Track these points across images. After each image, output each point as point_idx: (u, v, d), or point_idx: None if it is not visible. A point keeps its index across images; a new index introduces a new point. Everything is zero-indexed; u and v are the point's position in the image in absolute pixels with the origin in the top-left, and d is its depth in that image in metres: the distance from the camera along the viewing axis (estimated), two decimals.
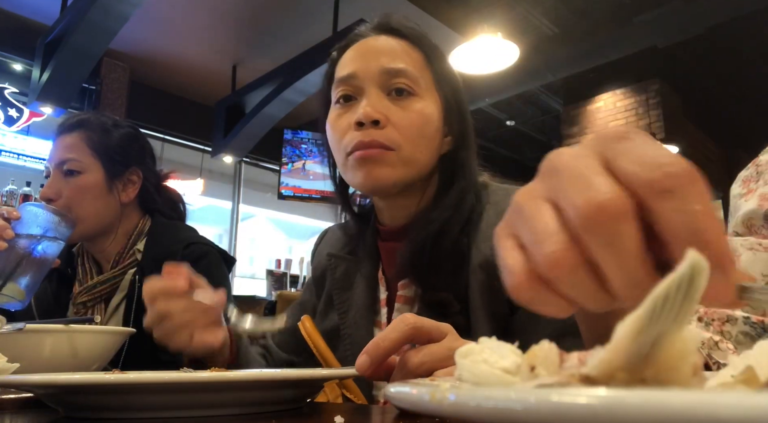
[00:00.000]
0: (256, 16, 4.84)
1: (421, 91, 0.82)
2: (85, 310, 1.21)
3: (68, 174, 1.23)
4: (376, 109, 0.78)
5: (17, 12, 4.73)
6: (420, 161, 0.82)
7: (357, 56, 0.84)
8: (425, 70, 0.84)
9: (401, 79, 0.80)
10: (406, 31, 0.86)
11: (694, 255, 0.21)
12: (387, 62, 0.81)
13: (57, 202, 1.21)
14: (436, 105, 0.84)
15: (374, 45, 0.84)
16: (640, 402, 0.16)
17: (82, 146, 1.26)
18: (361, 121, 0.78)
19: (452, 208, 0.82)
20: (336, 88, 0.85)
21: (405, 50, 0.84)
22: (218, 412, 0.50)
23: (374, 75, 0.81)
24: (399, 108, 0.80)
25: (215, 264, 1.26)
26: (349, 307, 0.90)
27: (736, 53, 5.81)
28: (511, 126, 7.77)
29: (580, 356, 0.26)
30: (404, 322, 0.51)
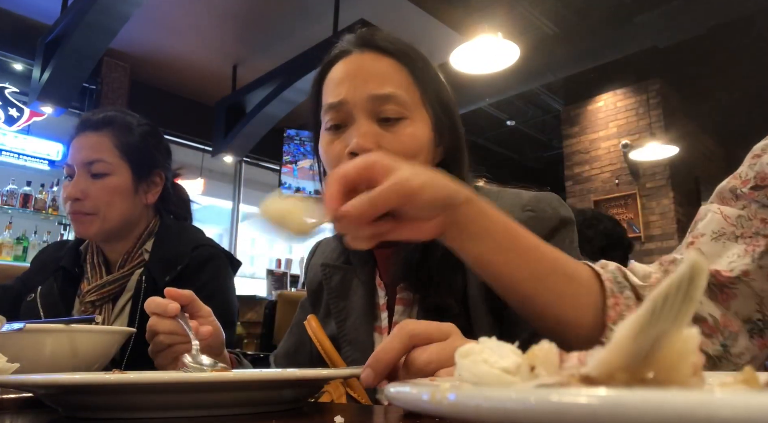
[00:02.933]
0: (256, 16, 4.84)
1: (410, 113, 0.81)
2: (93, 309, 1.21)
3: (96, 175, 1.22)
4: (368, 140, 0.78)
5: (17, 12, 4.73)
6: None
7: (344, 79, 0.82)
8: (412, 87, 0.83)
9: (390, 106, 0.80)
10: (390, 47, 0.84)
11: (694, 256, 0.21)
12: (374, 88, 0.80)
13: (83, 202, 1.20)
14: (425, 122, 0.83)
15: (360, 66, 0.83)
16: (640, 402, 0.16)
17: (109, 147, 1.24)
18: (354, 151, 0.78)
19: None
20: (325, 113, 0.84)
21: (391, 70, 0.83)
22: (218, 412, 0.50)
23: (363, 101, 0.80)
24: (390, 134, 0.80)
25: (222, 267, 1.26)
26: (347, 314, 0.90)
27: (736, 53, 5.81)
28: (511, 126, 7.77)
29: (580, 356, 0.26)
30: (404, 330, 0.51)
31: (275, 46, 5.15)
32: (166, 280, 1.19)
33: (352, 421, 0.47)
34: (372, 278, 0.91)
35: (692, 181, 6.81)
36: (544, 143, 8.55)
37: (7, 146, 4.63)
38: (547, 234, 0.81)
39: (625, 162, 6.66)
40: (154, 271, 1.21)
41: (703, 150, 7.46)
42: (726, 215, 0.67)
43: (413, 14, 4.64)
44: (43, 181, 4.73)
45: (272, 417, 0.51)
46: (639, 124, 6.64)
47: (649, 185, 6.52)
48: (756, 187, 0.66)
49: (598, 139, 6.99)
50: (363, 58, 0.84)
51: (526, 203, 0.83)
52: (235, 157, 5.85)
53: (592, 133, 7.05)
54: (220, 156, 5.66)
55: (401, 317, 0.85)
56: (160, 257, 1.24)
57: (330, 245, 1.03)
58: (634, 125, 6.69)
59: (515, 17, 5.11)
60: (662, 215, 6.37)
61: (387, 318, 0.87)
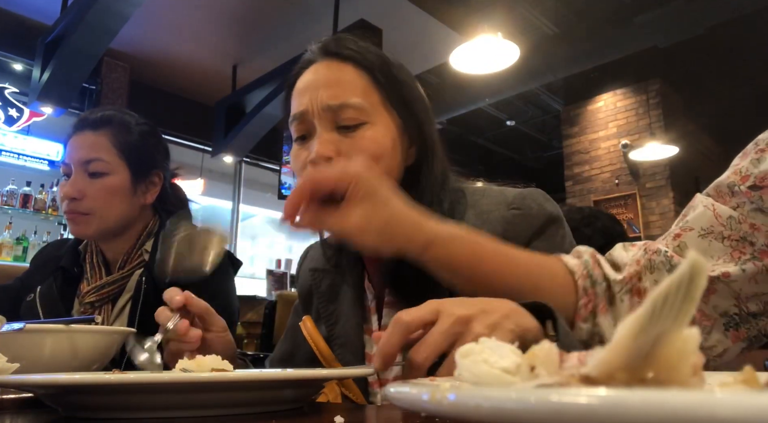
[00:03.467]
0: (256, 16, 4.84)
1: (370, 117, 0.82)
2: (92, 310, 1.20)
3: (94, 175, 1.21)
4: (326, 147, 0.79)
5: (17, 12, 4.73)
6: None
7: (305, 90, 0.84)
8: (372, 92, 0.83)
9: (345, 114, 0.80)
10: (348, 53, 0.85)
11: (694, 256, 0.21)
12: (328, 98, 0.81)
13: (80, 201, 1.19)
14: (389, 123, 0.83)
15: (317, 77, 0.84)
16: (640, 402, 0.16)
17: (108, 146, 1.23)
18: (314, 160, 0.79)
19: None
20: (291, 124, 0.86)
21: (350, 77, 0.83)
22: (218, 412, 0.50)
23: (320, 111, 0.81)
24: (350, 140, 0.80)
25: (222, 268, 1.26)
26: (337, 317, 0.91)
27: (736, 53, 5.81)
28: (511, 126, 7.77)
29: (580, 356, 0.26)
30: (398, 324, 0.55)
31: (275, 46, 5.15)
32: (167, 280, 1.19)
33: (352, 421, 0.47)
34: (361, 281, 0.91)
35: (692, 181, 6.81)
36: (544, 143, 8.54)
37: (6, 146, 4.63)
38: (536, 231, 0.82)
39: (625, 162, 6.66)
40: (153, 271, 1.21)
41: (703, 150, 7.46)
42: (718, 214, 0.66)
43: (413, 14, 4.64)
44: (43, 182, 4.73)
45: (272, 417, 0.51)
46: (639, 124, 6.64)
47: (648, 185, 6.52)
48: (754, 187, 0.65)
49: (598, 139, 7.00)
50: (324, 66, 0.85)
51: (512, 201, 0.83)
52: (235, 157, 5.85)
53: (592, 133, 7.05)
54: (219, 156, 5.66)
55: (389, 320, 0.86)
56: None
57: (319, 251, 1.03)
58: (634, 125, 6.69)
59: (515, 17, 5.11)
60: (662, 215, 6.37)
61: (377, 320, 0.87)
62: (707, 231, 0.66)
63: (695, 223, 0.68)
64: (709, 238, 0.66)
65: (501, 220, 0.82)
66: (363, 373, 0.62)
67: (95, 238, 1.25)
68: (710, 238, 0.66)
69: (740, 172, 0.67)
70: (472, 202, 0.87)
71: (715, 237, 0.65)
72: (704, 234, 0.66)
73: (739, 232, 0.65)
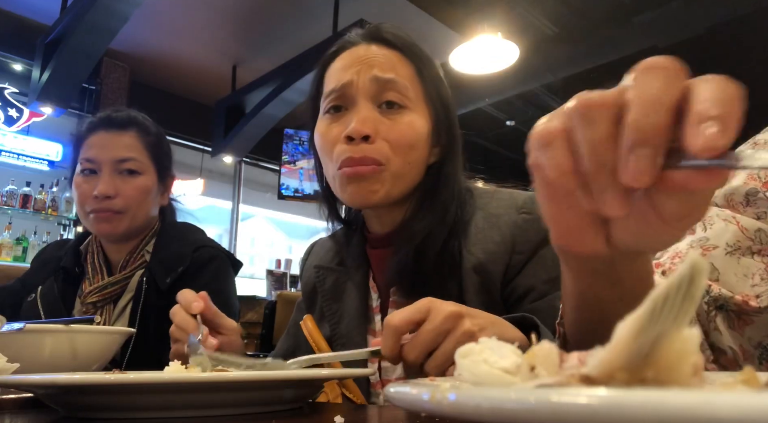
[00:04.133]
0: (256, 16, 4.84)
1: (411, 104, 0.82)
2: (94, 310, 1.21)
3: (129, 173, 1.23)
4: (366, 125, 0.78)
5: (17, 12, 4.72)
6: (408, 175, 0.82)
7: (348, 65, 0.83)
8: (415, 81, 0.83)
9: (391, 92, 0.80)
10: (397, 41, 0.85)
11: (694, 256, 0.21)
12: (378, 72, 0.80)
13: (114, 200, 1.20)
14: (425, 117, 0.83)
15: (365, 54, 0.83)
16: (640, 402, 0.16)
17: (140, 147, 1.26)
18: (351, 135, 0.78)
19: (436, 220, 0.82)
20: (326, 97, 0.84)
21: (396, 61, 0.83)
22: (218, 412, 0.50)
23: (365, 84, 0.80)
24: (389, 121, 0.80)
25: (223, 268, 1.26)
26: (340, 317, 0.90)
27: (736, 53, 5.81)
28: (511, 126, 7.77)
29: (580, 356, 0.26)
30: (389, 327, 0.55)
31: (275, 46, 5.15)
32: (167, 281, 1.19)
33: (352, 421, 0.47)
34: (366, 280, 0.90)
35: None
36: None
37: (6, 147, 4.63)
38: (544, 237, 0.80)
39: None
40: (155, 272, 1.21)
41: None
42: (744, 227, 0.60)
43: (413, 14, 4.64)
44: (43, 182, 4.73)
45: (272, 417, 0.51)
46: None
47: None
48: None
49: None
50: (369, 48, 0.84)
51: (522, 205, 0.83)
52: (235, 157, 5.85)
53: None
54: (219, 156, 5.66)
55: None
56: (161, 258, 1.23)
57: (324, 246, 1.02)
58: None
59: (515, 17, 5.11)
60: None
61: (380, 321, 0.87)
62: (734, 247, 0.60)
63: (718, 239, 0.61)
64: (737, 255, 0.59)
65: (511, 225, 0.81)
66: (363, 373, 0.62)
67: (120, 237, 1.25)
68: (738, 254, 0.60)
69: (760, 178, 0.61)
70: (482, 204, 0.86)
71: (743, 252, 0.59)
72: (731, 251, 0.60)
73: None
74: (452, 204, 0.84)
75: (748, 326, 0.58)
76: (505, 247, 0.79)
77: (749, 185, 0.62)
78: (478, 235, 0.81)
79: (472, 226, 0.83)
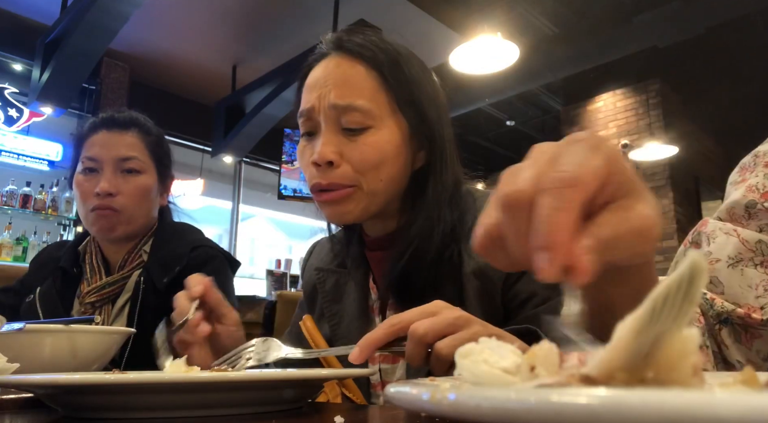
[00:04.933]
0: (256, 16, 4.84)
1: (375, 122, 0.80)
2: (93, 310, 1.21)
3: (129, 172, 1.23)
4: (329, 150, 0.78)
5: (17, 12, 4.72)
6: (385, 190, 0.81)
7: (313, 85, 0.83)
8: (381, 94, 0.81)
9: (349, 117, 0.79)
10: (361, 50, 0.83)
11: (694, 256, 0.21)
12: (336, 97, 0.79)
13: (115, 198, 1.20)
14: (395, 129, 0.81)
15: (328, 74, 0.82)
16: (640, 402, 0.16)
17: (141, 146, 1.26)
18: (316, 162, 0.78)
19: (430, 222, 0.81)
20: (299, 119, 0.85)
21: (360, 77, 0.81)
22: (218, 412, 0.50)
23: (326, 111, 0.80)
24: (352, 143, 0.79)
25: (221, 268, 1.26)
26: (340, 318, 0.90)
27: (736, 53, 5.81)
28: (511, 126, 7.77)
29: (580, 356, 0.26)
30: (390, 322, 0.57)
31: (275, 46, 5.15)
32: (165, 281, 1.19)
33: (352, 421, 0.47)
34: (366, 281, 0.91)
35: (692, 181, 6.81)
36: None
37: (6, 147, 4.63)
38: None
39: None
40: (152, 272, 1.21)
41: (702, 150, 7.46)
42: (744, 239, 0.60)
43: (413, 14, 4.64)
44: (43, 182, 4.73)
45: (272, 417, 0.51)
46: (639, 124, 6.64)
47: (648, 185, 6.51)
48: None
49: None
50: (335, 62, 0.83)
51: None
52: (235, 157, 5.85)
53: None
54: (219, 156, 5.66)
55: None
56: (158, 258, 1.23)
57: (325, 247, 1.03)
58: (634, 125, 6.69)
59: (515, 17, 5.11)
60: (662, 215, 6.37)
61: (379, 322, 0.86)
62: (736, 259, 0.60)
63: (720, 252, 0.61)
64: (740, 267, 0.60)
65: None
66: (363, 373, 0.62)
67: (118, 237, 1.25)
68: (740, 266, 0.60)
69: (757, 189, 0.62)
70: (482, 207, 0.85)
71: (745, 264, 0.60)
72: (733, 263, 0.60)
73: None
74: (445, 204, 0.83)
75: (756, 340, 0.58)
76: None
77: (748, 198, 0.62)
78: None
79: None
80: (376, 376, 0.85)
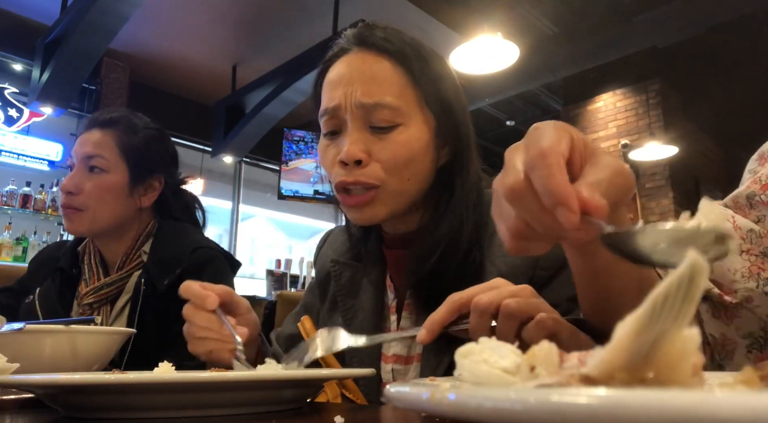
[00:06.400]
0: (256, 16, 4.84)
1: (404, 119, 0.78)
2: (91, 311, 1.20)
3: (92, 170, 1.23)
4: (357, 148, 0.76)
5: (17, 12, 4.72)
6: (410, 190, 0.80)
7: (338, 83, 0.80)
8: (409, 90, 0.79)
9: (378, 115, 0.77)
10: (389, 47, 0.81)
11: (694, 255, 0.21)
12: (363, 95, 0.77)
13: (76, 196, 1.20)
14: (423, 125, 0.80)
15: (352, 70, 0.80)
16: (640, 402, 0.16)
17: (110, 145, 1.26)
18: (344, 161, 0.77)
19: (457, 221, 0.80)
20: (321, 115, 0.82)
21: (387, 73, 0.79)
22: (218, 412, 0.50)
23: (354, 108, 0.78)
24: (382, 141, 0.77)
25: (221, 269, 1.26)
26: (355, 313, 0.88)
27: (736, 53, 5.81)
28: (511, 126, 7.77)
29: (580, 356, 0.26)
30: (450, 299, 0.58)
31: (275, 46, 5.15)
32: (165, 283, 1.18)
33: (352, 421, 0.47)
34: (382, 279, 0.89)
35: (692, 182, 6.81)
36: None
37: (6, 147, 4.63)
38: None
39: (625, 162, 6.65)
40: (152, 273, 1.20)
41: (702, 150, 7.46)
42: (738, 226, 0.63)
43: (413, 14, 4.64)
44: (43, 182, 4.73)
45: (272, 417, 0.51)
46: (639, 125, 6.64)
47: (648, 185, 6.52)
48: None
49: (597, 140, 6.99)
50: (359, 58, 0.81)
51: None
52: (235, 157, 5.85)
53: (592, 133, 7.05)
54: (219, 156, 5.66)
55: (407, 323, 0.84)
56: (158, 259, 1.23)
57: (340, 237, 1.01)
58: (634, 125, 6.69)
59: (515, 17, 5.11)
60: (662, 215, 6.37)
61: (396, 321, 0.85)
62: None
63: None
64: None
65: None
66: (363, 373, 0.62)
67: (88, 235, 1.26)
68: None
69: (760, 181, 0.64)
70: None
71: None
72: None
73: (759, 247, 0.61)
74: (470, 201, 0.82)
75: (735, 319, 0.62)
76: (529, 262, 0.76)
77: (750, 189, 0.64)
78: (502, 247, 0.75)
79: (497, 237, 0.78)
80: (389, 375, 0.83)
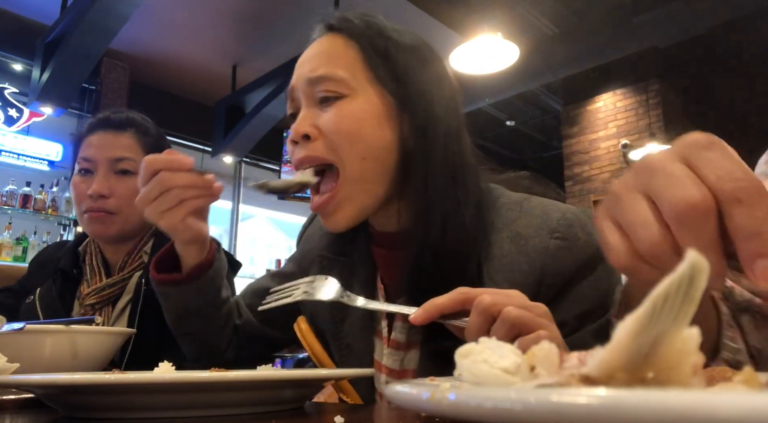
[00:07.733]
0: (256, 16, 4.84)
1: (352, 91, 0.76)
2: (93, 311, 1.20)
3: (123, 173, 1.22)
4: (305, 123, 0.76)
5: (17, 12, 4.72)
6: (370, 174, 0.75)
7: (298, 66, 0.82)
8: (359, 64, 0.77)
9: (323, 86, 0.76)
10: (342, 24, 0.81)
11: (694, 255, 0.21)
12: (308, 71, 0.78)
13: (107, 199, 1.19)
14: (374, 99, 0.76)
15: (308, 53, 0.81)
16: (640, 402, 0.16)
17: (136, 147, 1.25)
18: (293, 139, 0.77)
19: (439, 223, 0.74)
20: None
21: (335, 48, 0.79)
22: (218, 412, 0.50)
23: (302, 87, 0.79)
24: (325, 114, 0.76)
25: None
26: (346, 314, 0.85)
27: (736, 53, 5.81)
28: (511, 126, 7.77)
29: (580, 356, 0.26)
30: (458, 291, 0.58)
31: (275, 46, 5.15)
32: None
33: (352, 421, 0.47)
34: (372, 280, 0.86)
35: None
36: (544, 143, 8.54)
37: (6, 147, 4.63)
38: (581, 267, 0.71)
39: (625, 162, 6.65)
40: None
41: None
42: None
43: (413, 14, 4.64)
44: (43, 182, 4.72)
45: (272, 417, 0.51)
46: (639, 125, 6.64)
47: None
48: None
49: (597, 140, 6.99)
50: (318, 42, 0.82)
51: (555, 227, 0.72)
52: (235, 157, 5.85)
53: (592, 133, 7.05)
54: (219, 156, 5.66)
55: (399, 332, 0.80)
56: None
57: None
58: (634, 125, 6.69)
59: (515, 17, 5.11)
60: None
61: (386, 325, 0.82)
62: None
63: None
64: None
65: (541, 250, 0.71)
66: (363, 373, 0.62)
67: (113, 239, 1.24)
68: None
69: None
70: (507, 221, 0.76)
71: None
72: None
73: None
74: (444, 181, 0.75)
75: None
76: (533, 278, 0.71)
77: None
78: (503, 261, 0.73)
79: (496, 248, 0.74)
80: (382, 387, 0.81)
